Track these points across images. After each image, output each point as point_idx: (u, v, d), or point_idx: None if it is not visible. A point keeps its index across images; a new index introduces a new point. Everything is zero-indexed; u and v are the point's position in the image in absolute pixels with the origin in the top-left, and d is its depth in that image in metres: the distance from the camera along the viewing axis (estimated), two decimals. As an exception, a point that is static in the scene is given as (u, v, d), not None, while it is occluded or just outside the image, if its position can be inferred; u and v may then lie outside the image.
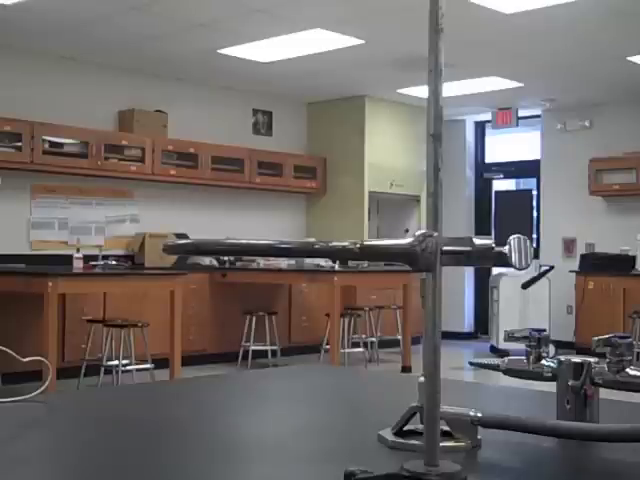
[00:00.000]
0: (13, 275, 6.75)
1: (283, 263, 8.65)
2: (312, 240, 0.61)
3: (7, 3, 6.73)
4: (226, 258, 9.17)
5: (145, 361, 6.87)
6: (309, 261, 8.54)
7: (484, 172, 11.92)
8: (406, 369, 8.26)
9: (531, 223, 11.02)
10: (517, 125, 10.73)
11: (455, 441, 0.96)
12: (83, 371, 7.05)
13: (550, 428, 0.94)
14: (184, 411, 1.25)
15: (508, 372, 1.13)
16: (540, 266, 9.25)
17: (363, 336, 9.08)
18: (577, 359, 1.06)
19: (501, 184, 12.00)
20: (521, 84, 9.42)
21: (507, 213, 11.10)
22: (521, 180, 12.05)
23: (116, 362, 6.94)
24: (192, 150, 9.16)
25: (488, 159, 11.99)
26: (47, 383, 1.40)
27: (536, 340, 1.11)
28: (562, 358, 1.08)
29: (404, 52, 7.97)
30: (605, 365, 1.05)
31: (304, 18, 7.13)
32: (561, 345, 9.06)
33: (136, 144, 8.73)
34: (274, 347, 8.46)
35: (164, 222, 9.01)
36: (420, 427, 0.93)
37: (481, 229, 11.59)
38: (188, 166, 9.18)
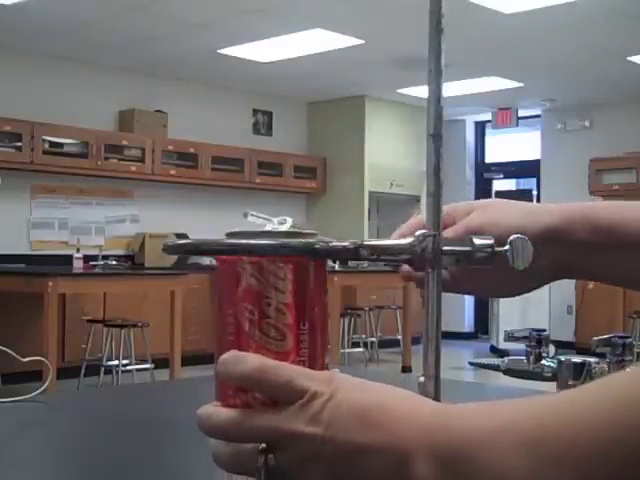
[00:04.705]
0: (13, 275, 6.75)
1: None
2: (312, 240, 0.61)
3: (7, 3, 6.72)
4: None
5: (145, 361, 6.87)
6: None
7: (484, 172, 11.92)
8: (406, 369, 8.26)
9: (531, 223, 11.00)
10: (517, 125, 10.73)
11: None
12: (83, 371, 7.04)
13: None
14: (184, 411, 1.25)
15: (508, 372, 1.13)
16: (540, 266, 9.24)
17: (363, 336, 9.08)
18: (577, 359, 1.06)
19: (501, 184, 12.00)
20: (521, 84, 9.43)
21: (507, 213, 11.08)
22: (521, 180, 12.05)
23: (116, 362, 6.94)
24: (192, 150, 9.16)
25: (488, 159, 11.99)
26: (47, 383, 1.40)
27: (536, 340, 1.10)
28: (562, 358, 1.08)
29: (404, 52, 7.97)
30: (605, 365, 1.05)
31: (304, 18, 7.13)
32: (561, 345, 9.06)
33: (136, 144, 8.73)
34: (274, 347, 8.45)
35: (164, 222, 9.01)
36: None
37: (481, 229, 11.56)
38: (188, 166, 9.18)
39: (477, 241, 0.61)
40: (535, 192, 11.23)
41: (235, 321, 0.56)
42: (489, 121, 11.14)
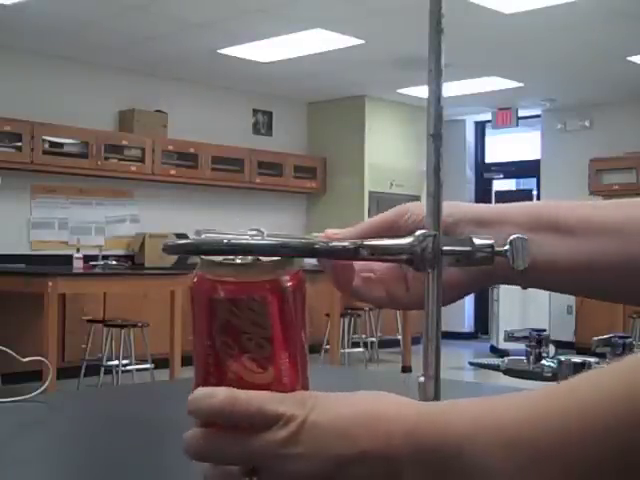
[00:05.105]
0: (13, 275, 6.74)
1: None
2: (312, 240, 0.61)
3: (7, 3, 6.72)
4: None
5: (145, 361, 6.86)
6: (309, 261, 8.53)
7: (484, 172, 11.92)
8: (406, 369, 8.26)
9: (531, 223, 10.99)
10: (517, 125, 10.73)
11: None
12: (83, 371, 7.04)
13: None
14: (184, 411, 1.25)
15: (508, 372, 1.13)
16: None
17: (363, 336, 9.08)
18: (577, 359, 1.06)
19: (501, 184, 12.00)
20: (521, 84, 9.42)
21: (507, 213, 11.08)
22: (521, 180, 12.05)
23: (116, 362, 6.94)
24: (192, 150, 9.16)
25: (488, 159, 11.99)
26: (47, 383, 1.40)
27: (536, 340, 1.10)
28: (562, 358, 1.08)
29: (404, 52, 7.97)
30: (605, 365, 1.05)
31: (304, 18, 7.13)
32: (561, 345, 9.05)
33: (136, 144, 8.72)
34: (274, 347, 8.45)
35: (164, 222, 9.01)
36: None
37: (481, 229, 11.56)
38: (188, 166, 9.17)
39: (477, 241, 0.61)
40: (535, 192, 11.23)
41: (214, 352, 0.54)
42: (489, 121, 11.14)
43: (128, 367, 6.95)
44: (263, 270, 0.54)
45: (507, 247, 0.62)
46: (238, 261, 0.55)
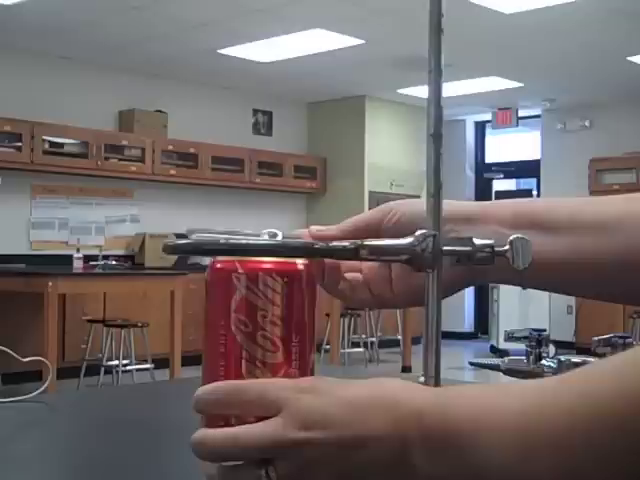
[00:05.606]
0: (13, 275, 6.75)
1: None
2: (312, 240, 0.61)
3: (7, 3, 6.72)
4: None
5: (145, 361, 6.87)
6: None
7: (484, 172, 11.92)
8: (406, 369, 8.25)
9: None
10: (517, 125, 10.73)
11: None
12: (83, 371, 7.04)
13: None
14: (184, 411, 1.25)
15: (508, 372, 1.13)
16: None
17: (363, 336, 9.07)
18: (577, 359, 1.06)
19: (501, 184, 11.99)
20: (521, 84, 9.43)
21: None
22: (521, 180, 12.05)
23: (116, 362, 6.94)
24: (192, 150, 9.16)
25: (488, 159, 11.99)
26: (47, 383, 1.39)
27: (536, 340, 1.10)
28: (562, 358, 1.08)
29: (404, 52, 7.97)
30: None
31: (304, 18, 7.13)
32: (561, 345, 9.05)
33: (136, 144, 8.72)
34: (274, 347, 8.44)
35: (164, 222, 9.01)
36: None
37: (481, 229, 11.55)
38: (188, 166, 9.17)
39: (477, 241, 0.61)
40: (535, 192, 11.23)
41: (227, 332, 0.56)
42: (489, 121, 11.14)
43: (128, 367, 6.95)
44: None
45: (507, 247, 0.62)
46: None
